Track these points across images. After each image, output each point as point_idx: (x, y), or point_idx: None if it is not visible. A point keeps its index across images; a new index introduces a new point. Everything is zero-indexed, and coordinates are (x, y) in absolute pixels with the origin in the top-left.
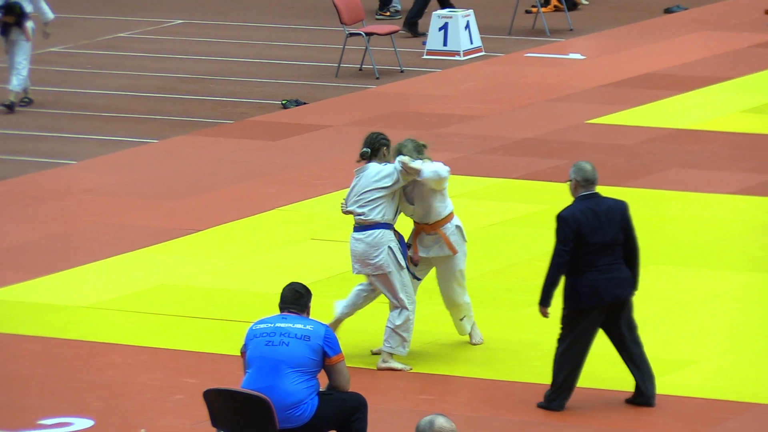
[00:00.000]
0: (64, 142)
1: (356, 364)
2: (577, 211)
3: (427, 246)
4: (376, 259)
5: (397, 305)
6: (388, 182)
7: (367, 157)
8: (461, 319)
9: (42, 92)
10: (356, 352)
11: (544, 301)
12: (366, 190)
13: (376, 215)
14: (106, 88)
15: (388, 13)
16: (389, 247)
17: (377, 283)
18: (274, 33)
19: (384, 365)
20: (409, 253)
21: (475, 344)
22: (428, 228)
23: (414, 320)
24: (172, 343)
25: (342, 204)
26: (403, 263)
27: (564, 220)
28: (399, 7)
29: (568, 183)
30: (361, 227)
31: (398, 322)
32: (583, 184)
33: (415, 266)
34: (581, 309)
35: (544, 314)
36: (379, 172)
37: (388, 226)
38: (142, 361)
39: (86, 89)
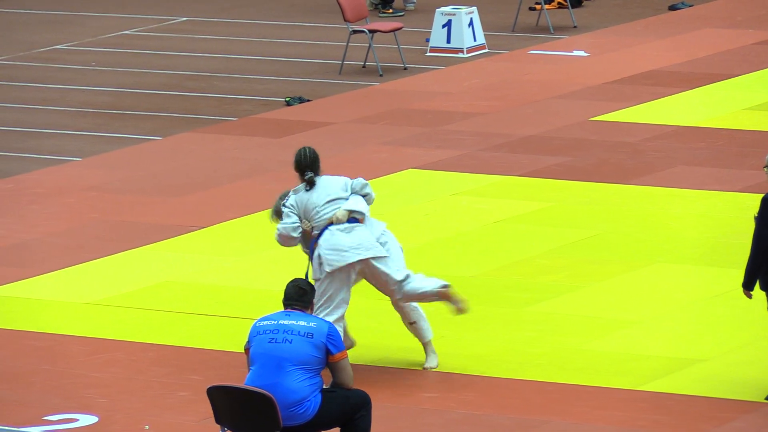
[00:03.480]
0: (68, 139)
1: (359, 361)
2: None
3: None
4: (380, 238)
5: (401, 280)
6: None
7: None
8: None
9: (46, 89)
10: (362, 350)
11: (748, 285)
12: (328, 200)
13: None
14: (110, 85)
15: (390, 11)
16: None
17: (378, 268)
18: (278, 30)
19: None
20: None
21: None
22: None
23: None
24: (176, 339)
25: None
26: None
27: None
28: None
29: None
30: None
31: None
32: None
33: None
34: None
35: (748, 296)
36: (335, 183)
37: None
38: (146, 358)
39: (90, 86)
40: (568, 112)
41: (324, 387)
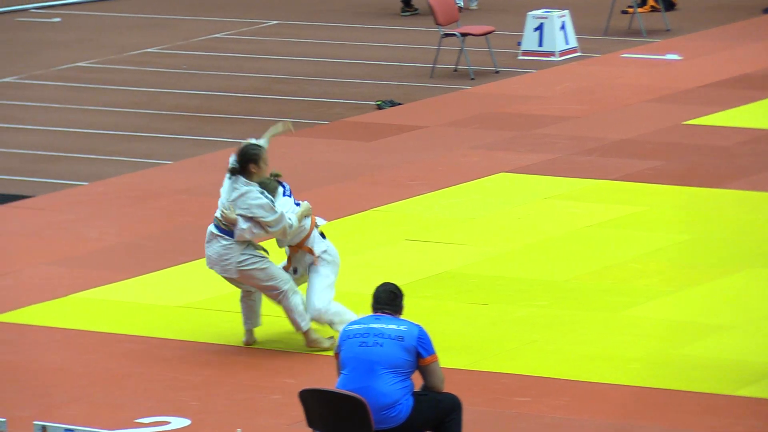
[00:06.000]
0: (160, 143)
1: (450, 364)
2: None
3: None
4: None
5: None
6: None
7: (236, 173)
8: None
9: (138, 93)
10: (453, 353)
11: None
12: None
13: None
14: (202, 88)
15: (410, 10)
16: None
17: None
18: (369, 33)
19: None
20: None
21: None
22: (295, 248)
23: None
24: (269, 343)
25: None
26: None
27: None
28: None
29: None
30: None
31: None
32: None
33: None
34: None
35: None
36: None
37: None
38: (238, 361)
39: (182, 90)
40: (661, 116)
41: (415, 390)
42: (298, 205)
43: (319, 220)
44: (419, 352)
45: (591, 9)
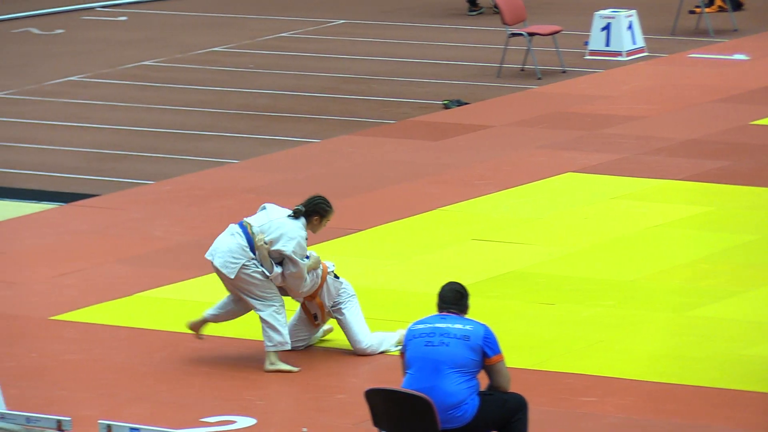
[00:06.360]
0: (226, 142)
1: (516, 364)
2: None
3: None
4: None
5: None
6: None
7: (299, 215)
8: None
9: (204, 92)
10: (519, 352)
11: None
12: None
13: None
14: (269, 87)
15: (477, 9)
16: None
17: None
18: (436, 33)
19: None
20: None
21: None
22: (309, 298)
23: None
24: (334, 342)
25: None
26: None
27: None
28: None
29: None
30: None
31: None
32: None
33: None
34: None
35: None
36: (287, 234)
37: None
38: (303, 360)
39: (248, 89)
40: (729, 116)
41: (481, 390)
42: (307, 257)
43: (330, 265)
44: (485, 352)
45: (658, 9)
